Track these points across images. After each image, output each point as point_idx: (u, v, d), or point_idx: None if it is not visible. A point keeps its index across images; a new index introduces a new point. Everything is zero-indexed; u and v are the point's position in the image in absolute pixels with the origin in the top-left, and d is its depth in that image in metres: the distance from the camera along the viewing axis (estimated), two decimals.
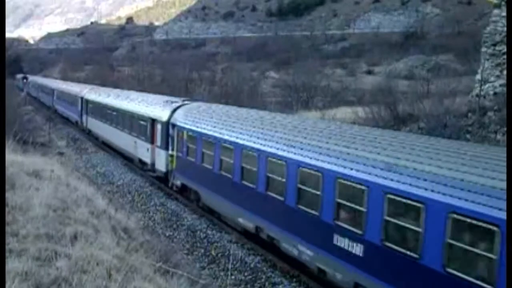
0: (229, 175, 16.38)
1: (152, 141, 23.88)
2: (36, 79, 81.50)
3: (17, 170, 12.38)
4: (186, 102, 23.74)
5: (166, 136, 21.89)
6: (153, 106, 24.89)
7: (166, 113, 22.21)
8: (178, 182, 21.04)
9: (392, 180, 10.01)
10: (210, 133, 17.87)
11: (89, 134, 38.39)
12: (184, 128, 20.17)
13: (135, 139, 26.57)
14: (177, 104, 22.76)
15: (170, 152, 21.72)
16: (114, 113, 30.88)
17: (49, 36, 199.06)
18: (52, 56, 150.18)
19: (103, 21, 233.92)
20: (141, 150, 25.54)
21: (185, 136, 20.03)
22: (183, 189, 20.92)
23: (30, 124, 38.70)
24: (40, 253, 7.35)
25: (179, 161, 20.85)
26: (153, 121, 23.64)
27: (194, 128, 19.27)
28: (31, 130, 33.94)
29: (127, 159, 29.05)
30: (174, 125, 21.19)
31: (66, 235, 8.41)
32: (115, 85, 54.58)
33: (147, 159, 24.80)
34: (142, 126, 25.28)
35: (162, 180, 23.25)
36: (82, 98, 39.83)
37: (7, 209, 8.82)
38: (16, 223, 8.54)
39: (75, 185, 13.78)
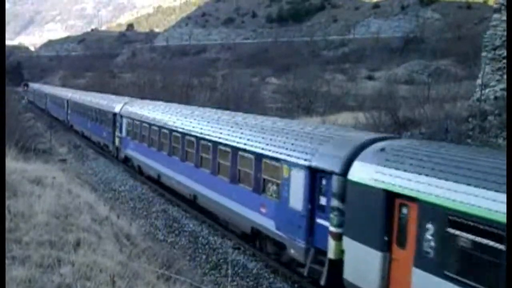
0: None
1: None
2: (63, 94, 52.55)
3: (19, 177, 12.43)
4: None
5: None
6: None
7: None
8: None
9: None
10: None
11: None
12: None
13: None
14: None
15: None
16: None
17: (50, 43, 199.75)
18: (52, 63, 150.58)
19: (103, 28, 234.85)
20: None
21: None
22: None
23: (31, 131, 38.59)
24: (43, 260, 7.38)
25: None
26: None
27: None
28: (33, 137, 33.92)
29: None
30: None
31: (69, 242, 8.44)
32: (115, 92, 54.53)
33: None
34: None
35: None
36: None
37: (9, 216, 8.84)
38: (19, 230, 8.57)
39: (77, 192, 13.84)
